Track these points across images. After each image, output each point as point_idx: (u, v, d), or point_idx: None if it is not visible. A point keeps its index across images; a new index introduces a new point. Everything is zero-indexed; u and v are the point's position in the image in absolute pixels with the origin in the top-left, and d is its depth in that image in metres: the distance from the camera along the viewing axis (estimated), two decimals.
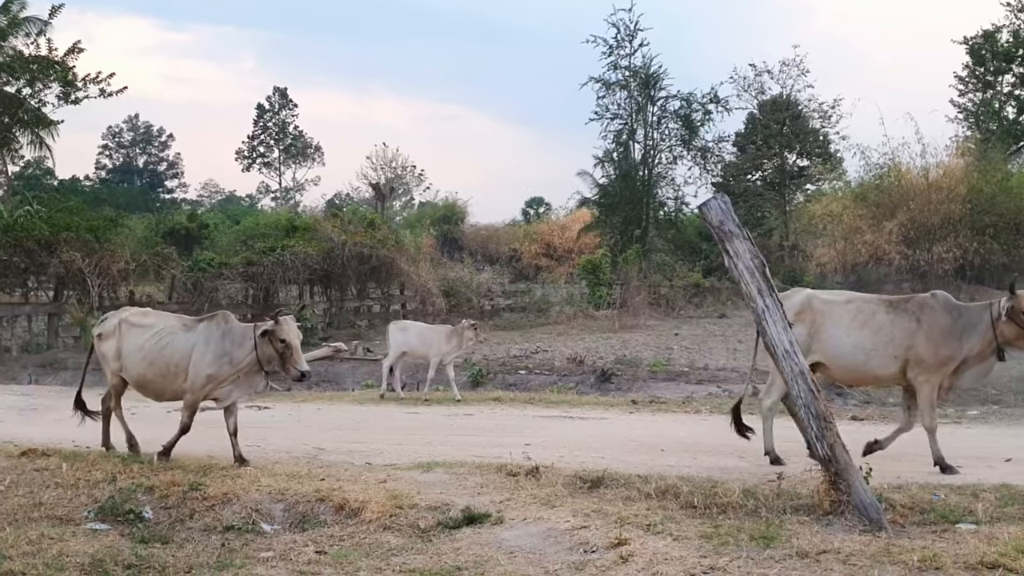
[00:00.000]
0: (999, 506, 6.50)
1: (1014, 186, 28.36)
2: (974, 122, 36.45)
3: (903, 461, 8.08)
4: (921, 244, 27.62)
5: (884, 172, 29.67)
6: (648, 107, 33.34)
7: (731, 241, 6.80)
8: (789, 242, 32.79)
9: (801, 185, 37.42)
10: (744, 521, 6.19)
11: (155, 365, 8.39)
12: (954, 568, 5.10)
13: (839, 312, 8.26)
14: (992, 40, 36.15)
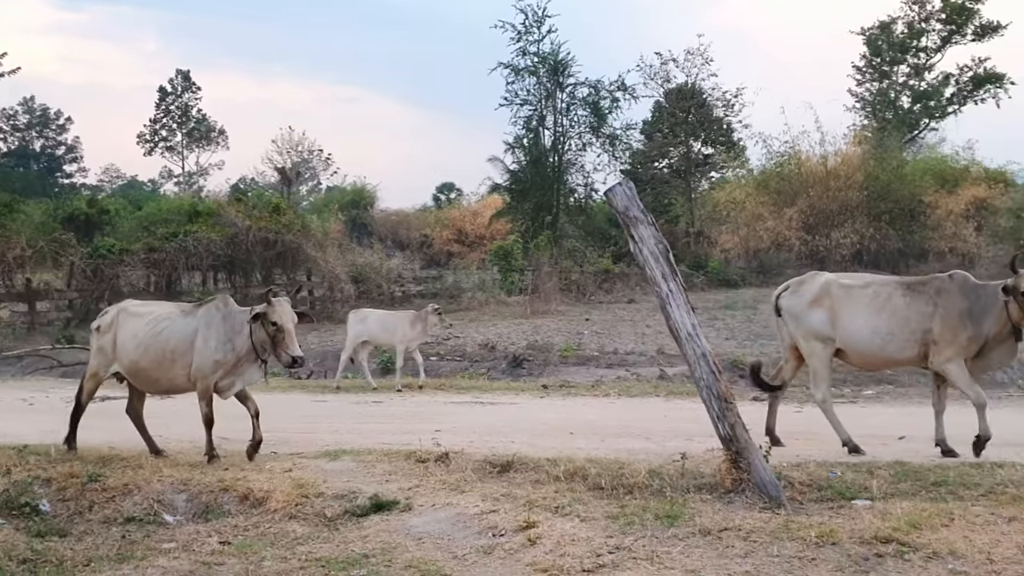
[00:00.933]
0: (893, 482, 6.75)
1: (908, 174, 29.41)
2: (871, 111, 37.70)
3: (802, 440, 8.35)
4: (820, 230, 28.46)
5: (785, 160, 30.48)
6: (557, 93, 33.45)
7: (636, 227, 6.89)
8: (695, 228, 33.38)
9: (706, 173, 38.12)
10: (650, 501, 6.30)
11: (150, 352, 7.98)
12: (850, 543, 5.28)
13: (857, 296, 8.14)
14: (888, 31, 37.38)
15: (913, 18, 37.15)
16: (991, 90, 36.15)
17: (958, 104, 37.03)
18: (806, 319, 8.22)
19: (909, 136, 36.06)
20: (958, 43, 37.02)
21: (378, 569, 5.30)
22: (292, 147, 57.42)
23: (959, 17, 36.20)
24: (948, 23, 36.60)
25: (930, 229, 28.73)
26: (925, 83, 37.55)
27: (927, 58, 37.53)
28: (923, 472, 6.87)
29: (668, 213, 35.19)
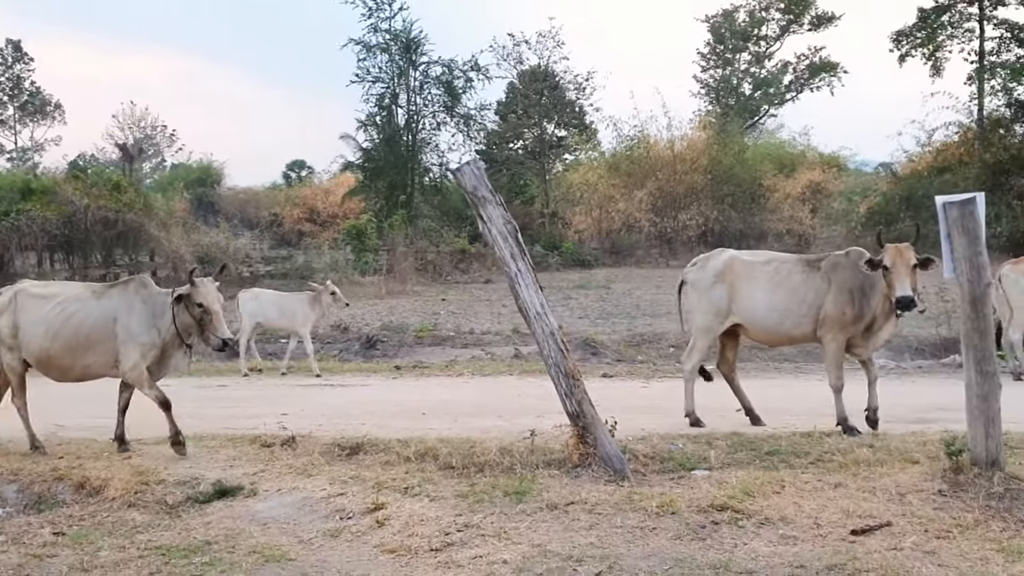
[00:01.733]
0: (730, 452, 7.04)
1: (750, 158, 30.68)
2: (715, 97, 39.04)
3: (646, 414, 8.60)
4: (668, 212, 29.38)
5: (634, 144, 31.27)
6: (410, 72, 33.23)
7: (485, 206, 6.90)
8: (549, 209, 33.86)
9: (560, 155, 38.68)
10: (500, 478, 6.36)
11: (61, 337, 7.40)
12: (688, 511, 5.48)
13: (757, 273, 8.24)
14: (731, 19, 38.76)
15: (754, 7, 38.68)
16: (826, 78, 38.06)
17: (796, 91, 38.86)
18: (708, 294, 8.41)
19: (750, 122, 37.58)
20: (796, 32, 38.82)
21: (221, 556, 5.17)
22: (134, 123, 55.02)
23: (797, 7, 37.91)
24: (787, 13, 38.28)
25: (769, 211, 30.08)
26: (765, 71, 39.20)
27: (767, 46, 39.18)
28: (757, 442, 7.20)
29: (523, 194, 35.57)
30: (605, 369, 12.49)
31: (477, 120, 34.80)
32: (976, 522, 5.25)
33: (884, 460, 6.58)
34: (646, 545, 5.01)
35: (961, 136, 28.50)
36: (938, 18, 29.01)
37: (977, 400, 5.98)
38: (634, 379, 11.50)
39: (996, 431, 5.96)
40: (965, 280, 6.06)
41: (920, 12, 29.21)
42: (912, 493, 5.74)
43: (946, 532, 5.09)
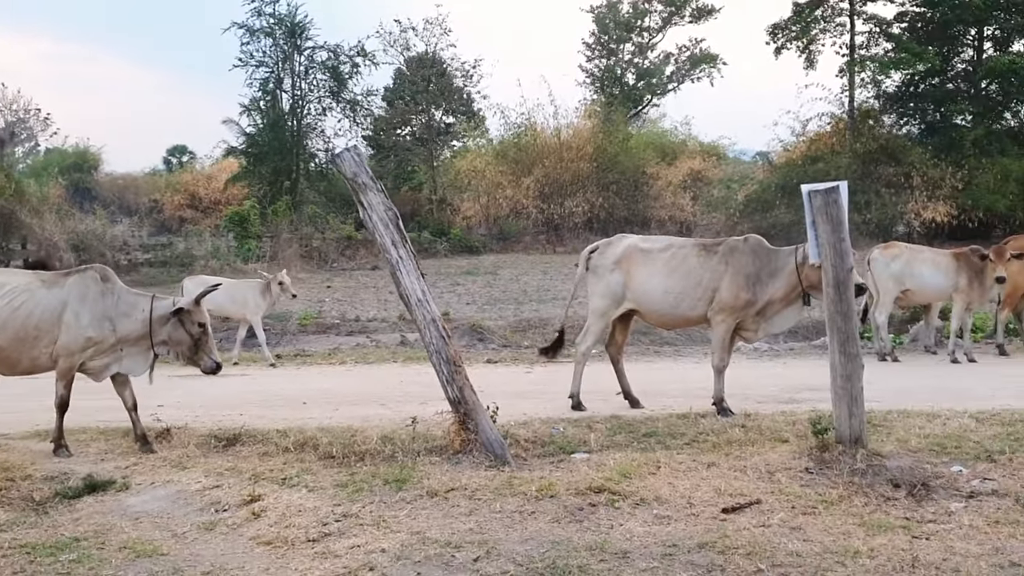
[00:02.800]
0: (609, 435, 7.18)
1: (633, 147, 31.22)
2: (600, 87, 39.51)
3: (529, 399, 8.68)
4: (555, 199, 29.64)
5: (522, 131, 31.43)
6: (295, 56, 32.58)
7: (365, 193, 6.84)
8: (437, 196, 33.75)
9: (448, 141, 38.59)
10: (380, 467, 6.32)
11: (8, 329, 6.89)
12: (566, 494, 5.55)
13: (655, 259, 8.34)
14: (615, 10, 39.29)
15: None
16: (706, 69, 39.00)
17: (677, 82, 39.68)
18: (605, 279, 8.52)
19: (634, 111, 38.20)
20: (677, 24, 39.62)
21: (90, 552, 4.97)
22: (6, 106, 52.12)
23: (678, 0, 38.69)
24: (668, 4, 39.02)
25: (652, 199, 30.69)
26: (648, 61, 39.88)
27: (650, 38, 39.86)
28: (636, 424, 7.36)
29: (411, 180, 35.38)
30: (490, 355, 12.54)
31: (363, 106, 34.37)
32: (840, 498, 5.47)
33: (755, 440, 6.82)
34: (524, 529, 5.05)
35: (833, 127, 29.62)
36: (812, 12, 30.00)
37: (841, 380, 6.24)
38: (518, 364, 11.59)
39: (859, 410, 6.24)
40: (829, 265, 6.31)
41: (795, 6, 30.16)
42: (781, 471, 5.95)
43: (812, 508, 5.29)
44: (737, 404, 8.16)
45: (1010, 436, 6.77)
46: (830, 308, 6.30)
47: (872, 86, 29.67)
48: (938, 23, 28.70)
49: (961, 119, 29.05)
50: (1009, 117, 29.35)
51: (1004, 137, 27.55)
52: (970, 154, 26.33)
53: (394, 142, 37.77)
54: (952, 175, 25.41)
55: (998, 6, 27.89)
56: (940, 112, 29.27)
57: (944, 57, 28.82)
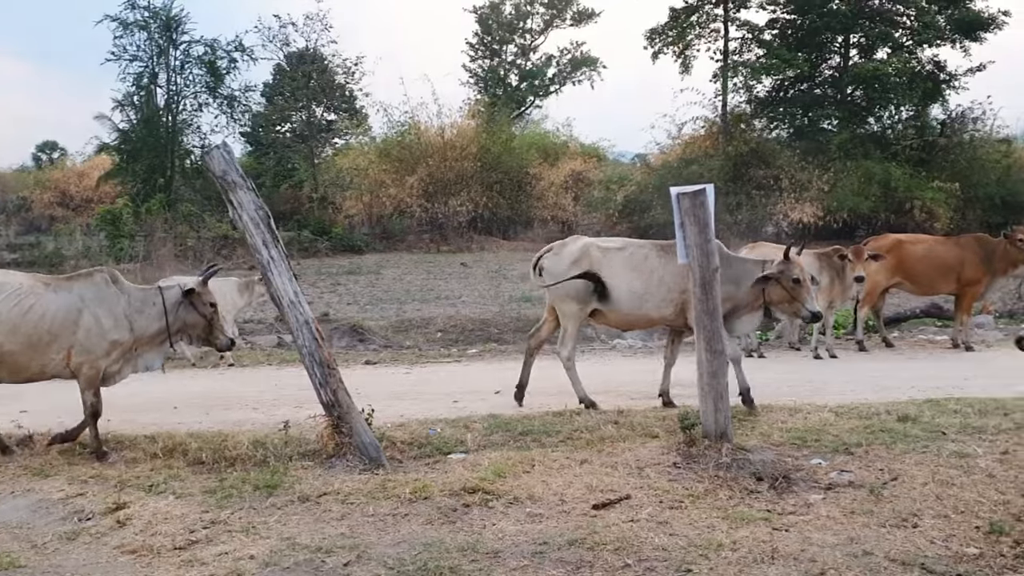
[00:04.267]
0: (486, 435, 7.20)
1: (517, 147, 31.44)
2: (483, 87, 39.66)
3: (408, 400, 8.64)
4: (439, 198, 29.59)
5: (405, 130, 31.23)
6: (171, 51, 31.61)
7: (235, 191, 6.69)
8: (319, 194, 33.25)
9: (330, 139, 38.09)
10: (251, 472, 6.20)
11: (20, 332, 6.57)
12: (441, 496, 5.56)
13: (614, 259, 8.18)
14: (498, 11, 39.52)
15: (520, 1, 39.58)
16: (587, 72, 39.64)
17: (559, 84, 40.21)
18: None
19: (517, 112, 38.50)
20: (559, 27, 40.15)
21: None
22: None
23: (559, 3, 39.19)
24: (550, 7, 39.48)
25: (535, 199, 30.98)
26: (531, 63, 40.28)
27: (532, 39, 40.27)
28: (512, 423, 7.41)
29: (292, 178, 34.75)
30: (370, 356, 12.42)
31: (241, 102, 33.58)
32: (706, 491, 5.65)
33: (627, 436, 6.96)
34: (397, 532, 5.04)
35: (707, 130, 30.52)
36: (688, 18, 30.84)
37: (707, 377, 6.44)
38: (398, 365, 11.52)
39: (724, 405, 6.44)
40: (696, 265, 6.49)
41: (671, 12, 30.95)
42: (650, 466, 6.10)
43: (679, 502, 5.44)
44: (611, 401, 8.32)
45: (866, 429, 7.10)
46: (697, 307, 6.49)
47: (744, 91, 30.71)
48: (807, 30, 29.86)
49: (828, 124, 30.33)
50: (873, 122, 30.74)
51: (868, 141, 28.86)
52: (836, 157, 27.49)
53: (273, 139, 37.05)
54: (819, 178, 26.47)
55: (863, 15, 29.24)
56: (808, 117, 30.47)
57: (812, 63, 30.02)
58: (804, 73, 29.63)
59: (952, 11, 28.63)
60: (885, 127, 30.77)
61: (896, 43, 29.69)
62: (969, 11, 28.50)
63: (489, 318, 15.00)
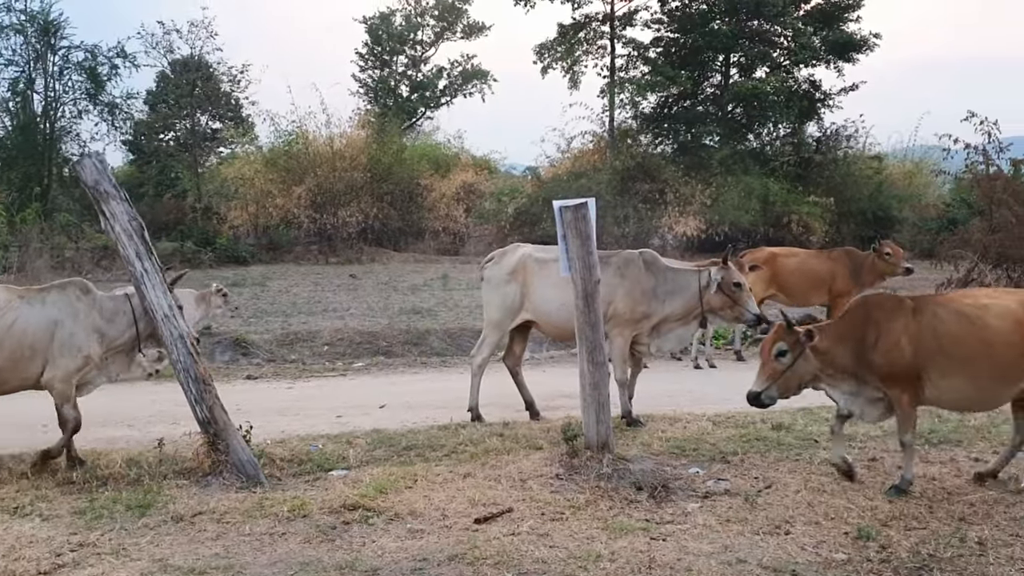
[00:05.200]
0: (369, 450, 7.15)
1: (408, 158, 31.23)
2: (373, 97, 39.34)
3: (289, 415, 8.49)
4: (328, 209, 29.13)
5: (293, 139, 30.68)
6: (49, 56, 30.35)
7: (107, 202, 6.49)
8: (202, 204, 32.36)
9: (214, 147, 37.10)
10: (124, 492, 6.01)
11: (5, 348, 6.52)
12: (320, 513, 5.48)
13: (550, 270, 8.02)
14: (388, 22, 39.26)
15: (410, 12, 39.49)
16: (477, 85, 39.73)
17: (450, 96, 40.15)
18: (501, 290, 8.35)
19: (408, 123, 38.30)
20: (450, 39, 40.14)
21: None
22: None
23: (450, 15, 39.24)
24: (441, 20, 39.48)
25: (426, 210, 30.84)
26: (422, 74, 40.10)
27: (423, 51, 40.15)
28: (397, 438, 7.37)
29: (175, 188, 33.77)
30: (252, 371, 12.14)
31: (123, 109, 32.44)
32: (587, 502, 5.72)
33: (511, 448, 7.00)
34: (274, 551, 4.94)
35: (595, 144, 30.96)
36: (576, 34, 31.25)
37: (589, 388, 6.52)
38: (281, 380, 11.30)
39: (606, 416, 6.54)
40: (579, 277, 6.58)
41: (560, 28, 31.32)
42: (533, 478, 6.15)
43: (560, 514, 5.50)
44: (496, 413, 8.34)
45: (742, 438, 7.32)
46: (579, 320, 6.57)
47: (631, 107, 31.22)
48: (690, 49, 30.64)
49: (710, 140, 31.15)
50: (752, 139, 31.73)
51: (747, 157, 29.77)
52: (717, 173, 28.25)
53: (156, 147, 35.90)
54: (702, 192, 27.14)
55: (743, 35, 30.18)
56: (691, 133, 31.22)
57: (695, 81, 30.82)
58: (687, 90, 30.40)
59: (827, 33, 29.83)
60: (764, 143, 31.82)
61: (774, 63, 30.75)
62: (843, 33, 29.75)
63: (378, 331, 14.82)
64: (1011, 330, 5.81)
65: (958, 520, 5.43)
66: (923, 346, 5.83)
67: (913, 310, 5.95)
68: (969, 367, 5.84)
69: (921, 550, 4.97)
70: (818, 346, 5.90)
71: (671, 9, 30.94)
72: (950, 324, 5.87)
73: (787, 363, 5.91)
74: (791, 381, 5.97)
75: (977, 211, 19.42)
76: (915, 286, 19.39)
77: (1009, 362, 5.81)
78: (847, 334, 5.99)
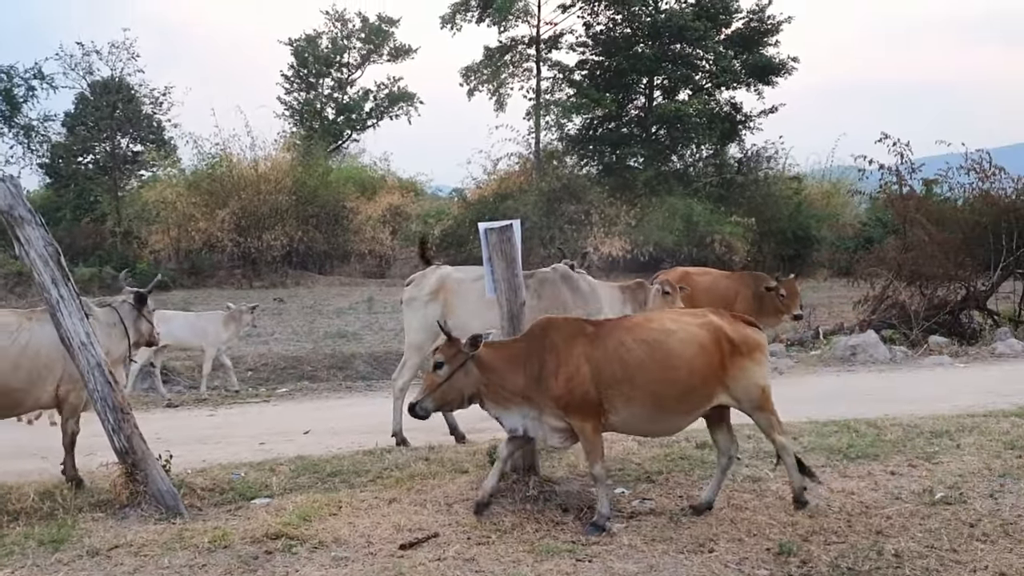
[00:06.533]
0: (293, 477, 7.04)
1: (333, 181, 31.09)
2: (299, 120, 39.02)
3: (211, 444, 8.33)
4: (252, 232, 28.79)
5: (216, 162, 30.30)
6: None
7: (22, 227, 6.31)
8: (122, 228, 31.70)
9: (135, 170, 36.38)
10: (36, 526, 5.81)
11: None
12: (241, 543, 5.37)
13: (469, 290, 7.98)
14: (314, 45, 39.05)
15: (337, 34, 39.34)
16: (404, 107, 39.70)
17: (376, 118, 40.03)
18: (422, 311, 8.25)
19: (334, 145, 38.08)
20: (376, 62, 40.08)
21: None
22: None
23: (376, 38, 39.19)
24: (368, 42, 39.40)
25: (352, 232, 30.67)
26: (348, 97, 39.94)
27: (350, 73, 40.01)
28: (321, 464, 7.27)
29: (94, 212, 33.00)
30: (171, 398, 11.89)
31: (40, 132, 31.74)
32: (513, 526, 5.71)
33: (437, 472, 6.96)
34: None
35: (521, 166, 31.24)
36: (502, 57, 31.54)
37: None
38: (202, 407, 11.09)
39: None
40: (504, 299, 6.60)
41: (486, 50, 31.58)
42: (459, 503, 6.12)
43: (486, 538, 5.48)
44: (422, 437, 8.29)
45: (667, 457, 7.38)
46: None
47: (556, 129, 31.61)
48: (614, 72, 31.14)
49: (634, 161, 31.64)
50: (676, 160, 32.36)
51: (671, 178, 30.34)
52: (642, 193, 28.73)
53: (75, 170, 35.05)
54: (627, 213, 27.56)
55: (666, 58, 30.80)
56: (616, 154, 31.67)
57: (620, 103, 31.33)
58: (612, 112, 30.88)
59: (747, 56, 30.63)
60: (687, 165, 32.45)
61: (697, 85, 31.45)
62: (762, 57, 30.59)
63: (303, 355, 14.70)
64: (694, 355, 5.76)
65: (876, 533, 5.55)
66: (603, 373, 5.68)
67: (593, 335, 5.79)
68: (652, 393, 5.72)
69: (840, 563, 5.08)
70: (486, 363, 5.77)
71: (596, 33, 31.43)
72: (632, 349, 5.73)
73: (444, 375, 5.76)
74: (449, 394, 5.81)
75: (892, 230, 20.07)
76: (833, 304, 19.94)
77: (692, 387, 5.77)
78: (521, 356, 5.81)
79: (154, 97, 34.56)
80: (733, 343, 5.84)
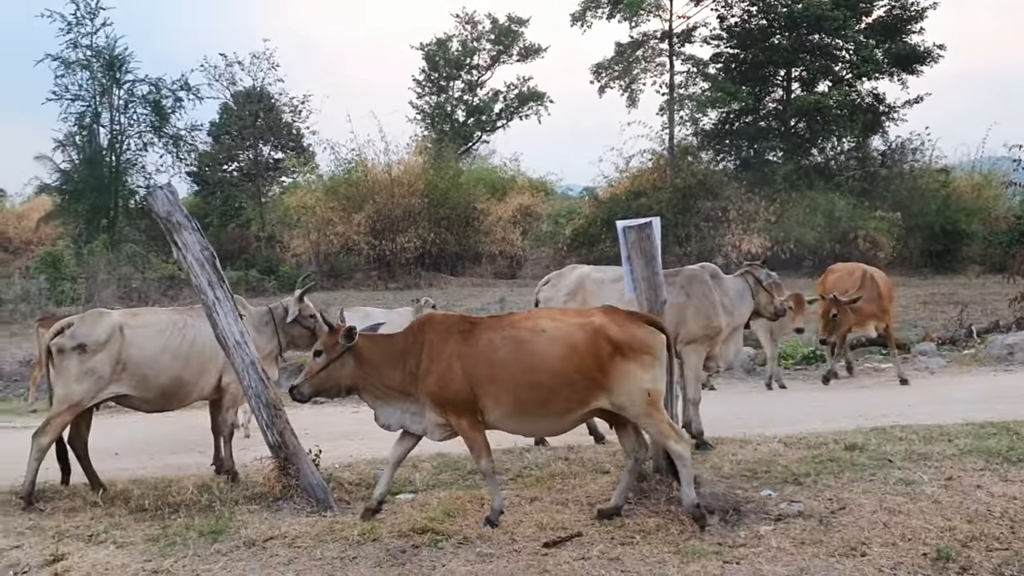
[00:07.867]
0: (435, 474, 7.16)
1: (464, 183, 31.44)
2: (430, 123, 39.68)
3: (356, 440, 8.53)
4: (387, 235, 29.42)
5: (352, 167, 31.10)
6: (114, 90, 31.25)
7: (180, 232, 6.61)
8: (266, 233, 32.96)
9: (277, 177, 37.79)
10: (196, 518, 6.07)
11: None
12: (389, 537, 5.48)
13: (608, 291, 8.01)
14: (444, 48, 39.65)
15: (466, 37, 39.82)
16: (534, 107, 39.82)
17: (506, 119, 40.31)
18: None
19: (464, 147, 38.56)
20: (506, 63, 40.35)
21: None
22: None
23: (506, 39, 39.46)
24: (497, 43, 39.73)
25: (483, 234, 30.94)
26: (478, 98, 40.36)
27: (480, 75, 40.42)
28: (462, 462, 7.35)
29: (239, 217, 34.42)
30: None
31: (187, 141, 33.27)
32: (657, 527, 5.63)
33: (578, 472, 6.94)
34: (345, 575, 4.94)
35: (654, 163, 30.77)
36: (633, 52, 31.19)
37: None
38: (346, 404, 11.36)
39: None
40: (644, 298, 6.51)
41: (617, 46, 31.31)
42: (601, 503, 6.07)
43: (630, 538, 5.42)
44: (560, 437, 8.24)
45: (815, 459, 7.15)
46: None
47: (691, 124, 31.03)
48: (750, 64, 30.38)
49: (773, 155, 30.81)
50: (816, 153, 31.28)
51: (812, 172, 29.34)
52: (781, 188, 27.87)
53: (220, 178, 36.65)
54: (765, 209, 26.81)
55: (804, 49, 29.85)
56: (754, 149, 30.91)
57: (756, 96, 30.52)
58: (748, 106, 30.11)
59: (889, 45, 29.36)
60: (828, 158, 31.33)
61: (836, 76, 30.33)
62: (906, 45, 29.26)
63: None
64: (561, 355, 5.53)
65: None
66: (474, 371, 5.57)
67: (468, 333, 5.69)
68: (514, 394, 5.56)
69: (1004, 571, 4.81)
70: (364, 356, 5.78)
71: (730, 25, 30.72)
72: (498, 348, 5.59)
73: (321, 363, 5.81)
74: (327, 383, 5.86)
75: None
76: (987, 301, 18.93)
77: (555, 390, 5.54)
78: (398, 351, 5.79)
79: (293, 106, 35.80)
80: (616, 345, 5.60)
